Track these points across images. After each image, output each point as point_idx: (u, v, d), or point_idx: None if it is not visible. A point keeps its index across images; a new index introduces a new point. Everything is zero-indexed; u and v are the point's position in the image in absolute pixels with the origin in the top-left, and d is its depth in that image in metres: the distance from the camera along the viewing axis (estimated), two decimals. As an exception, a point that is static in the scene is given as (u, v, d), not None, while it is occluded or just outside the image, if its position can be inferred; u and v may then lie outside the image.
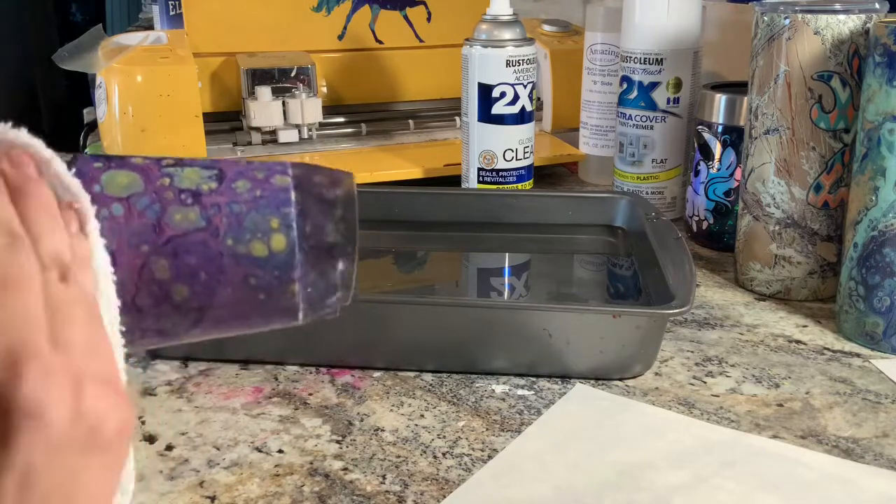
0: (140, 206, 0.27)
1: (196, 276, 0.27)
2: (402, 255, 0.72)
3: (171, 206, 0.27)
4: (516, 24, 0.76)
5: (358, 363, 0.54)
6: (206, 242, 0.27)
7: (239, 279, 0.28)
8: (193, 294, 0.28)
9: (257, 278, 0.28)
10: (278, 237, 0.28)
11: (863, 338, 0.56)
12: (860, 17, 0.58)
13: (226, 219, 0.28)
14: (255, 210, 0.28)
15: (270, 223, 0.28)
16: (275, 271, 0.28)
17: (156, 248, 0.27)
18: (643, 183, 0.80)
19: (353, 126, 0.96)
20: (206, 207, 0.28)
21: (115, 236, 0.26)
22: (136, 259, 0.27)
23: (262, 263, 0.28)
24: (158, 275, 0.27)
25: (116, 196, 0.27)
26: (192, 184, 0.28)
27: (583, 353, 0.51)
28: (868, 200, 0.54)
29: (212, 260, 0.28)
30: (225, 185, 0.28)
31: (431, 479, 0.43)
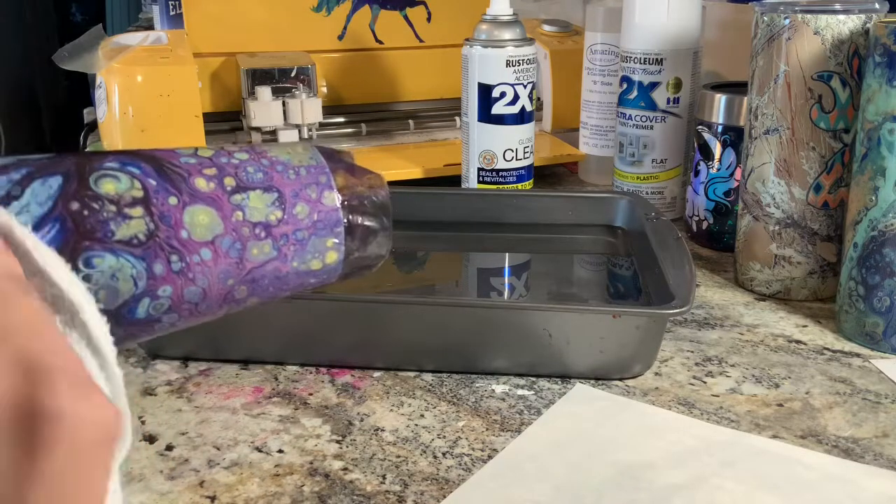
0: (224, 248, 0.30)
1: (266, 290, 0.32)
2: (402, 255, 0.72)
3: (248, 242, 0.30)
4: (516, 24, 0.76)
5: (358, 363, 0.54)
6: (277, 268, 0.31)
7: (296, 285, 0.33)
8: (258, 301, 0.32)
9: (310, 282, 0.33)
10: (332, 253, 0.33)
11: (863, 338, 0.56)
12: (860, 17, 0.58)
13: (293, 246, 0.31)
14: (314, 235, 0.32)
15: (326, 243, 0.32)
16: (324, 276, 0.33)
17: (238, 280, 0.30)
18: (643, 183, 0.80)
19: (353, 126, 0.96)
20: (276, 238, 0.31)
21: (206, 278, 0.29)
22: (222, 291, 0.30)
23: (316, 274, 0.33)
24: (238, 297, 0.31)
25: (203, 241, 0.29)
26: (262, 215, 0.31)
27: (583, 353, 0.51)
28: (868, 200, 0.54)
29: (281, 279, 0.32)
30: (288, 214, 0.31)
31: (431, 479, 0.43)
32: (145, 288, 0.28)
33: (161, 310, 0.29)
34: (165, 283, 0.28)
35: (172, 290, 0.29)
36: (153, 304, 0.28)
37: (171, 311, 0.29)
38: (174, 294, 0.29)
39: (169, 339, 0.55)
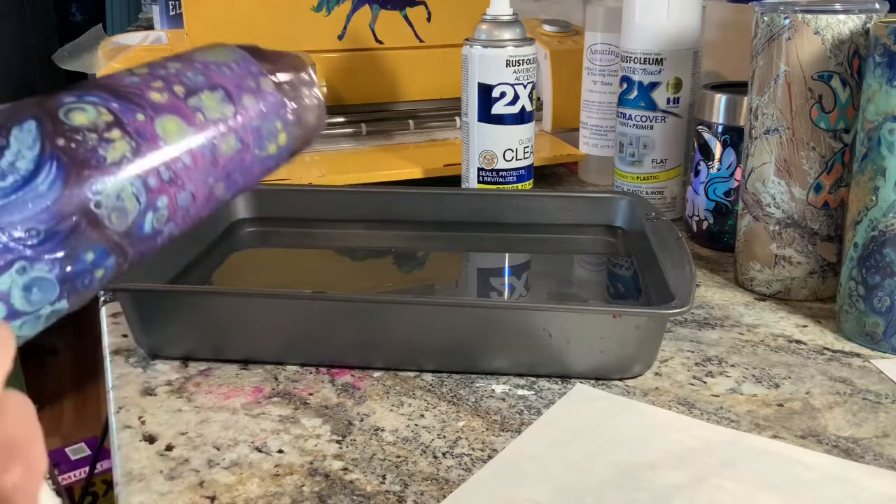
0: (199, 150, 0.32)
1: (236, 183, 0.34)
2: (402, 255, 0.72)
3: (216, 140, 0.33)
4: (516, 24, 0.76)
5: (358, 363, 0.54)
6: (243, 158, 0.34)
7: (260, 173, 0.35)
8: (234, 194, 0.35)
9: (269, 167, 0.36)
10: (282, 135, 0.35)
11: (863, 338, 0.56)
12: (860, 17, 0.58)
13: (251, 135, 0.34)
14: (265, 121, 0.35)
15: (276, 126, 0.35)
16: (279, 157, 0.36)
17: (216, 177, 0.33)
18: (643, 183, 0.80)
19: (353, 126, 0.95)
20: (237, 131, 0.33)
21: (192, 182, 0.32)
22: (206, 191, 0.32)
23: (274, 157, 0.36)
24: (218, 194, 0.33)
25: (179, 146, 0.31)
26: (219, 113, 0.33)
27: (583, 353, 0.51)
28: (868, 200, 0.54)
29: (248, 169, 0.34)
30: (238, 107, 0.34)
31: (431, 479, 0.43)
32: (147, 202, 0.30)
33: (162, 221, 0.31)
34: (161, 193, 0.30)
35: (168, 199, 0.31)
36: (156, 216, 0.31)
37: (170, 220, 0.31)
38: (170, 204, 0.31)
39: (169, 339, 0.55)
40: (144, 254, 0.31)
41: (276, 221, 0.75)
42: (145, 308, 0.54)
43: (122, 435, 0.47)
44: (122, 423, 0.48)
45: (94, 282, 0.29)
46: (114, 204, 0.29)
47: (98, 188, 0.28)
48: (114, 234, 0.29)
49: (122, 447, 0.46)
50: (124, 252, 0.30)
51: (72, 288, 0.28)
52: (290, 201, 0.75)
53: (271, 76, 0.36)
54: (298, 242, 0.74)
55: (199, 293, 0.57)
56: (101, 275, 0.29)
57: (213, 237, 0.70)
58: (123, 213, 0.29)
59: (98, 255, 0.29)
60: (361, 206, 0.74)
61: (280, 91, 0.36)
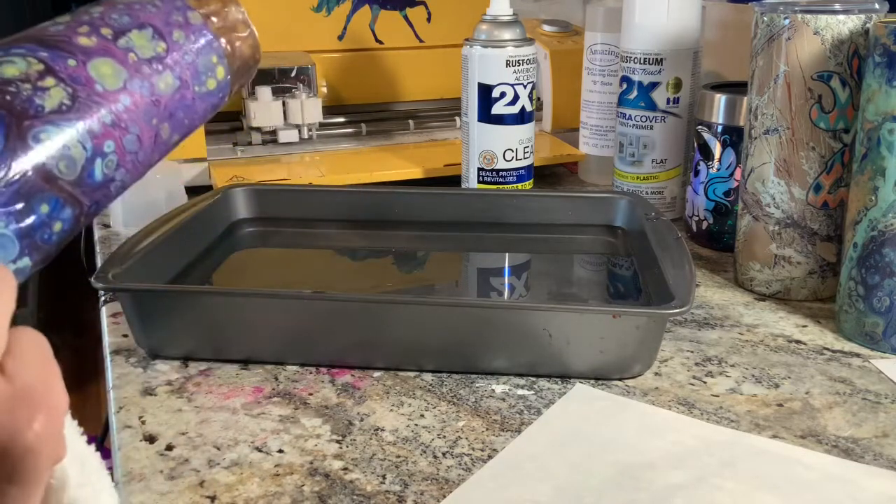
0: (137, 89, 0.32)
1: (183, 124, 0.34)
2: (402, 255, 0.72)
3: (153, 78, 0.32)
4: (516, 24, 0.76)
5: (358, 363, 0.54)
6: (184, 96, 0.33)
7: (204, 112, 0.35)
8: (180, 137, 0.34)
9: (213, 104, 0.35)
10: (219, 69, 0.35)
11: (862, 338, 0.56)
12: (860, 17, 0.58)
13: (188, 71, 0.34)
14: (200, 55, 0.34)
15: (212, 60, 0.35)
16: (220, 93, 0.36)
17: (160, 117, 0.33)
18: (643, 183, 0.80)
19: (353, 126, 0.96)
20: (172, 68, 0.33)
21: (136, 123, 0.31)
22: (151, 133, 0.32)
23: (215, 93, 0.35)
24: (164, 136, 0.33)
25: (117, 89, 0.31)
26: (151, 51, 0.33)
27: (583, 353, 0.51)
28: (868, 200, 0.54)
29: (190, 107, 0.34)
30: (169, 43, 0.33)
31: (431, 479, 0.43)
32: (93, 148, 0.30)
33: (112, 167, 0.31)
34: (106, 137, 0.30)
35: (115, 143, 0.31)
36: (104, 162, 0.30)
37: (120, 166, 0.31)
38: (117, 147, 0.31)
39: (169, 339, 0.55)
40: (100, 203, 0.31)
41: (276, 221, 0.75)
42: (145, 308, 0.54)
43: (122, 435, 0.47)
44: (123, 423, 0.48)
45: (54, 236, 0.29)
46: (61, 152, 0.29)
47: (42, 137, 0.28)
48: (66, 185, 0.29)
49: (123, 447, 0.46)
50: (79, 202, 0.29)
51: (32, 244, 0.28)
52: (290, 201, 0.75)
53: (198, 10, 0.35)
54: (298, 242, 0.74)
55: (199, 293, 0.57)
56: (60, 228, 0.29)
57: (213, 237, 0.70)
58: (72, 161, 0.29)
59: (53, 207, 0.28)
60: (361, 206, 0.74)
61: (209, 23, 0.35)
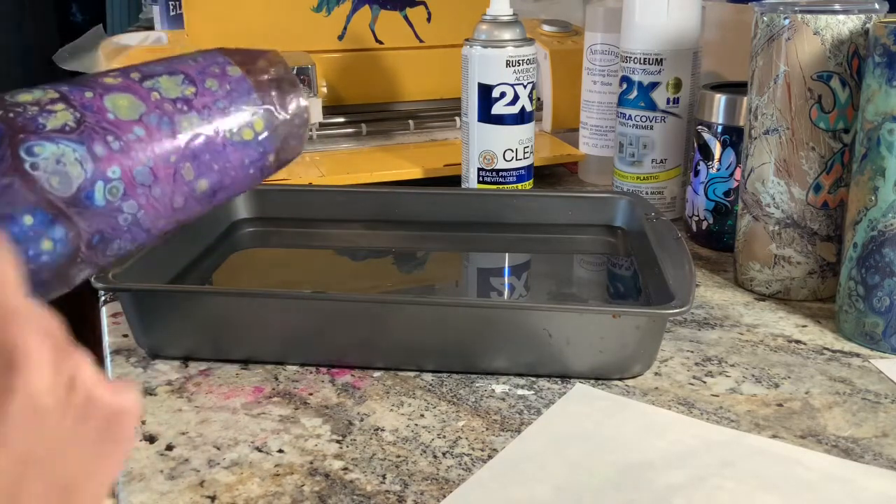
0: (154, 123, 0.31)
1: (212, 168, 0.33)
2: (402, 255, 0.72)
3: (175, 116, 0.32)
4: (516, 24, 0.76)
5: (358, 363, 0.54)
6: (212, 140, 0.33)
7: (238, 163, 0.34)
8: (210, 185, 0.33)
9: (250, 158, 0.34)
10: (258, 121, 0.34)
11: (862, 338, 0.56)
12: (860, 17, 0.58)
13: (218, 116, 0.33)
14: (233, 103, 0.34)
15: (248, 110, 0.34)
16: (259, 148, 0.35)
17: (179, 156, 0.32)
18: (643, 183, 0.80)
19: (353, 126, 0.96)
20: (199, 110, 0.32)
21: (148, 156, 0.31)
22: (169, 169, 0.31)
23: (252, 145, 0.34)
24: (187, 177, 0.32)
25: (131, 120, 0.31)
26: (178, 92, 0.32)
27: (583, 353, 0.51)
28: (868, 200, 0.55)
29: (219, 153, 0.33)
30: (200, 88, 0.33)
31: (431, 479, 0.43)
32: (94, 171, 0.29)
33: (117, 194, 0.30)
34: (111, 162, 0.30)
35: (121, 170, 0.30)
36: (108, 187, 0.30)
37: (128, 195, 0.30)
38: (124, 175, 0.30)
39: (169, 339, 0.55)
40: (104, 233, 0.30)
41: (276, 221, 0.75)
42: (145, 308, 0.54)
43: (122, 435, 0.47)
44: (123, 423, 0.48)
45: (44, 255, 0.28)
46: (53, 168, 0.28)
47: (36, 150, 0.28)
48: (57, 201, 0.29)
49: (123, 447, 0.46)
50: (73, 223, 0.29)
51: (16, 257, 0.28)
52: (290, 201, 0.75)
53: (240, 66, 0.35)
54: (298, 242, 0.74)
55: (199, 293, 0.57)
56: (51, 247, 0.29)
57: (213, 237, 0.70)
58: (66, 177, 0.29)
59: (39, 221, 0.28)
60: (361, 206, 0.74)
61: (250, 76, 0.35)
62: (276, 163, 0.37)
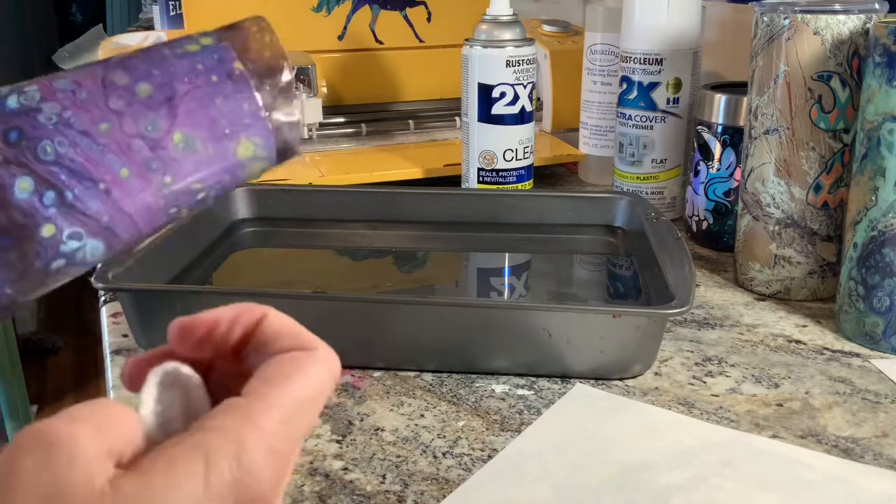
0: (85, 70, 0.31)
1: (150, 73, 0.31)
2: (402, 255, 0.72)
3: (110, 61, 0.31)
4: (516, 24, 0.76)
5: (358, 363, 0.54)
6: (146, 54, 0.32)
7: (187, 68, 0.32)
8: (156, 87, 0.31)
9: (202, 62, 0.33)
10: (204, 38, 0.33)
11: (862, 338, 0.56)
12: (860, 17, 0.58)
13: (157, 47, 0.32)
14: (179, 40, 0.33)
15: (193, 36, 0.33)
16: (213, 54, 0.33)
17: (106, 68, 0.31)
18: (643, 183, 0.80)
19: (353, 126, 0.96)
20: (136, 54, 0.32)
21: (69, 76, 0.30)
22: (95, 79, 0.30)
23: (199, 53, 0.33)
24: (119, 82, 0.31)
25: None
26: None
27: (583, 353, 0.51)
28: (868, 200, 0.55)
29: (156, 61, 0.32)
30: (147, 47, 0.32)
31: (431, 479, 0.43)
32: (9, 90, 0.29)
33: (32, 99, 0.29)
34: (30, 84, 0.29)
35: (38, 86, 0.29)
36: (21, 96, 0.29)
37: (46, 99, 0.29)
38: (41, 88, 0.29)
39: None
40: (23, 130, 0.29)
41: (276, 221, 0.75)
42: (145, 308, 0.54)
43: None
44: (123, 423, 0.48)
45: None
46: None
47: None
48: None
49: (123, 447, 0.46)
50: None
51: None
52: (290, 201, 0.75)
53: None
54: (298, 242, 0.74)
55: (199, 293, 0.57)
56: None
57: (213, 237, 0.70)
58: None
59: None
60: (361, 206, 0.74)
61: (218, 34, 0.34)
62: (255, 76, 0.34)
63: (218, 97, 0.33)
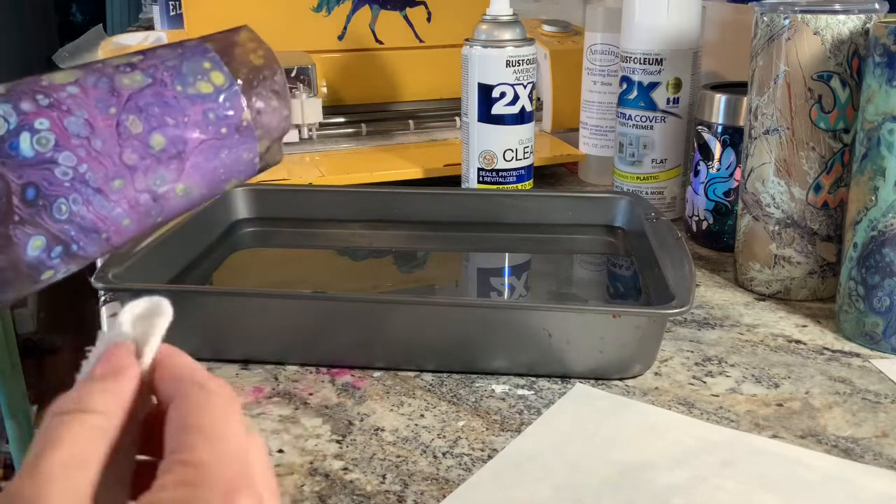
0: (91, 83, 0.30)
1: (164, 122, 0.31)
2: (402, 255, 0.72)
3: (116, 76, 0.31)
4: (516, 24, 0.76)
5: (358, 363, 0.54)
6: (160, 93, 0.31)
7: (200, 117, 0.32)
8: (169, 140, 0.31)
9: (214, 111, 0.32)
10: (216, 74, 0.33)
11: (862, 338, 0.56)
12: (860, 17, 0.58)
13: (166, 72, 0.32)
14: (186, 61, 0.32)
15: (203, 65, 0.33)
16: (225, 102, 0.33)
17: (121, 107, 0.30)
18: (643, 183, 0.80)
19: (353, 126, 0.96)
20: (145, 70, 0.31)
21: (82, 108, 0.30)
22: (109, 121, 0.30)
23: (212, 97, 0.32)
24: (133, 129, 0.30)
25: (66, 82, 0.30)
26: (124, 60, 0.32)
27: (583, 353, 0.51)
28: (868, 200, 0.55)
29: (171, 105, 0.31)
30: (150, 54, 0.32)
31: (431, 479, 0.43)
32: (18, 122, 0.28)
33: (47, 144, 0.29)
34: (38, 116, 0.29)
35: (49, 122, 0.29)
36: (35, 137, 0.29)
37: (61, 146, 0.29)
38: (54, 126, 0.29)
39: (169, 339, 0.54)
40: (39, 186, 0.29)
41: (276, 221, 0.75)
42: (145, 308, 0.54)
43: (122, 435, 0.47)
44: (123, 423, 0.48)
45: None
46: None
47: None
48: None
49: (123, 447, 0.46)
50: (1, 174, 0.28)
51: None
52: (290, 201, 0.75)
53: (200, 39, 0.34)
54: (298, 242, 0.74)
55: (199, 293, 0.57)
56: None
57: (213, 237, 0.70)
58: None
59: None
60: (361, 206, 0.74)
61: (209, 42, 0.33)
62: (260, 126, 0.34)
63: (224, 150, 0.33)
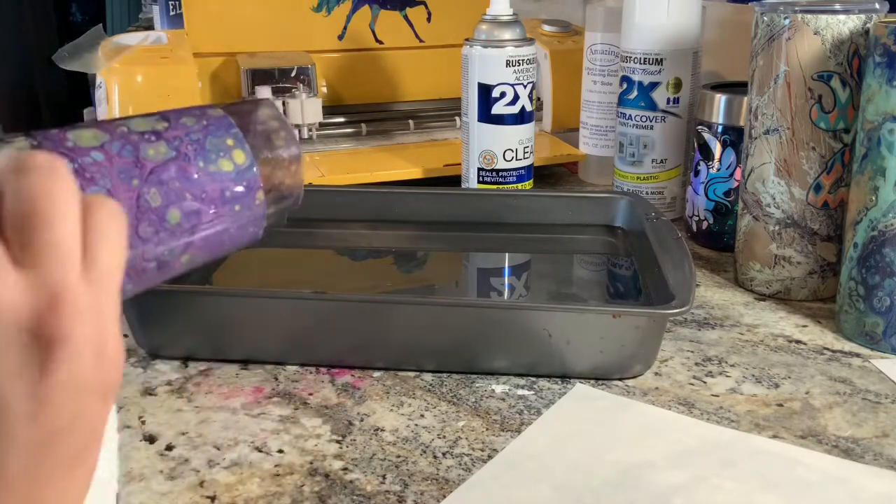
0: (115, 150, 0.30)
1: (183, 197, 0.31)
2: (402, 255, 0.72)
3: (140, 145, 0.31)
4: (516, 24, 0.76)
5: (358, 363, 0.54)
6: (183, 168, 0.31)
7: (217, 194, 0.32)
8: (184, 215, 0.31)
9: (231, 190, 0.33)
10: (238, 152, 0.33)
11: (863, 338, 0.56)
12: (860, 17, 0.58)
13: (190, 146, 0.32)
14: (210, 135, 0.32)
15: (227, 142, 0.33)
16: (243, 181, 0.33)
17: (144, 180, 0.30)
18: (643, 183, 0.80)
19: (353, 126, 0.96)
20: (169, 140, 0.31)
21: (105, 177, 0.30)
22: (130, 193, 0.30)
23: (232, 177, 0.33)
24: (153, 203, 0.31)
25: (91, 146, 0.30)
26: (148, 126, 0.32)
27: (583, 353, 0.51)
28: (868, 200, 0.55)
29: (192, 181, 0.31)
30: (174, 123, 0.32)
31: (431, 479, 0.43)
32: None
33: None
34: None
35: None
36: None
37: None
38: None
39: (169, 339, 0.55)
40: None
41: (276, 221, 0.74)
42: (145, 308, 0.54)
43: (122, 435, 0.47)
44: (123, 423, 0.48)
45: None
46: None
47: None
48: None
49: (123, 447, 0.46)
50: None
51: None
52: (290, 201, 0.75)
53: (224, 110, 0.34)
54: (298, 242, 0.74)
55: (199, 293, 0.57)
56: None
57: (213, 237, 0.70)
58: None
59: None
60: (361, 206, 0.74)
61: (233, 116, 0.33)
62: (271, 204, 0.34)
63: (234, 226, 0.33)
